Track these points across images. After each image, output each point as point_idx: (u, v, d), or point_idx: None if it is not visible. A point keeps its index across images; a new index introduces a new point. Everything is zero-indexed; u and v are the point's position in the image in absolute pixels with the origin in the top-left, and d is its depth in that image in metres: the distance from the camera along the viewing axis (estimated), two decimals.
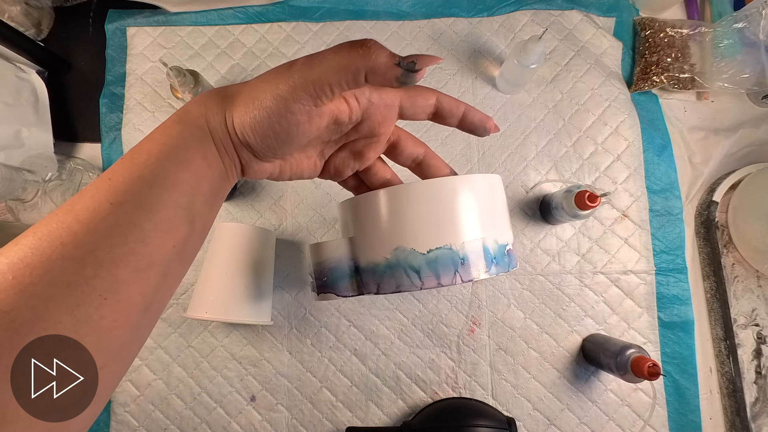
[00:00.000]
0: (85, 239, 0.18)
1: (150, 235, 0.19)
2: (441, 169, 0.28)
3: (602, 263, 0.54)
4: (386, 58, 0.19)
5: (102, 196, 0.19)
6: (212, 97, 0.22)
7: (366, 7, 0.60)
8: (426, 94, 0.24)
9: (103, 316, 0.18)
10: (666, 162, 0.56)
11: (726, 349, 0.53)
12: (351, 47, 0.19)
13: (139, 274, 0.19)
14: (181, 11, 0.61)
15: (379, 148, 0.27)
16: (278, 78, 0.21)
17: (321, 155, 0.27)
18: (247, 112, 0.21)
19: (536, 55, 0.50)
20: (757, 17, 0.53)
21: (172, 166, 0.20)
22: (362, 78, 0.20)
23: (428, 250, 0.24)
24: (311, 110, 0.21)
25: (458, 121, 0.25)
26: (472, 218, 0.25)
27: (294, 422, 0.53)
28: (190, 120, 0.22)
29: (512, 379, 0.53)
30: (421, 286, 0.24)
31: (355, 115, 0.23)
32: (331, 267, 0.27)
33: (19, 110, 0.55)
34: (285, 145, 0.22)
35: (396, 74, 0.19)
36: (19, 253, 0.17)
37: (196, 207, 0.21)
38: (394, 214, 0.25)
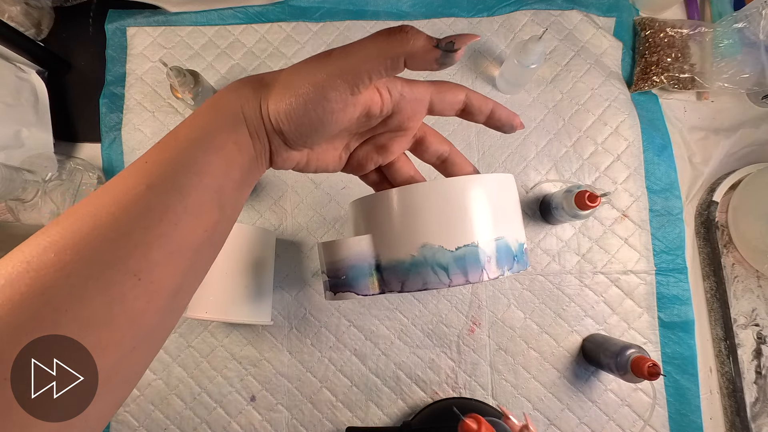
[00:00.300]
0: (122, 221, 0.18)
1: (182, 219, 0.20)
2: (465, 167, 0.28)
3: (602, 263, 0.54)
4: (425, 41, 0.19)
5: (139, 179, 0.20)
6: (247, 84, 0.22)
7: (366, 7, 0.60)
8: (456, 90, 0.24)
9: (137, 297, 0.18)
10: (666, 162, 0.56)
11: (726, 349, 0.53)
12: (389, 33, 0.20)
13: (171, 258, 0.19)
14: (181, 11, 0.61)
15: (405, 142, 0.27)
16: (316, 66, 0.21)
17: (346, 148, 0.27)
18: (283, 98, 0.21)
19: (536, 55, 0.50)
20: (757, 17, 0.53)
21: (204, 151, 0.21)
22: (401, 63, 0.20)
23: (456, 248, 0.24)
24: (347, 99, 0.21)
25: (486, 118, 0.25)
26: (498, 216, 0.25)
27: (294, 422, 0.53)
28: (223, 106, 0.22)
29: (512, 379, 0.53)
30: (449, 284, 0.24)
31: (387, 107, 0.23)
32: (349, 265, 0.26)
33: (19, 110, 0.55)
34: (317, 134, 0.22)
35: (435, 56, 0.20)
36: (61, 232, 0.18)
37: (227, 192, 0.22)
38: (421, 211, 0.24)
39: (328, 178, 0.57)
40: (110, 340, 0.18)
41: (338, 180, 0.57)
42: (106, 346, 0.17)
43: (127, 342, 0.18)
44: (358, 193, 0.57)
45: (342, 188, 0.57)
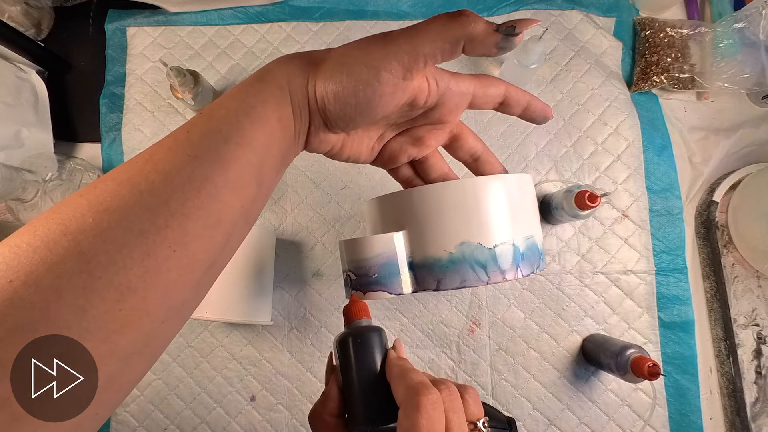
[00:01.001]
0: (161, 189, 0.18)
1: (221, 192, 0.19)
2: (496, 166, 0.28)
3: (602, 263, 0.54)
4: (485, 25, 0.19)
5: (180, 148, 0.19)
6: (296, 59, 0.22)
7: (366, 7, 0.60)
8: (498, 84, 0.24)
9: (170, 269, 0.18)
10: (666, 162, 0.56)
11: (726, 349, 0.53)
12: (449, 17, 0.20)
13: (207, 231, 0.19)
14: (181, 11, 0.61)
15: (442, 137, 0.27)
16: (371, 46, 0.21)
17: (381, 139, 0.26)
18: (334, 76, 0.21)
19: (536, 55, 0.50)
20: (757, 17, 0.53)
21: (249, 123, 0.20)
22: (460, 48, 0.20)
23: (494, 245, 0.24)
24: (398, 83, 0.21)
25: (522, 110, 0.25)
26: (529, 216, 0.26)
27: (294, 422, 0.53)
28: (271, 79, 0.22)
29: (512, 379, 0.53)
30: (488, 281, 0.24)
31: (432, 98, 0.23)
32: (380, 263, 0.25)
33: (19, 110, 0.55)
34: (361, 116, 0.22)
35: (496, 40, 0.20)
36: (99, 197, 0.18)
37: (266, 169, 0.21)
38: (460, 209, 0.24)
39: (328, 177, 0.57)
40: (144, 310, 0.17)
41: (338, 180, 0.57)
42: (138, 317, 0.17)
43: (159, 314, 0.18)
44: (358, 193, 0.57)
45: (342, 188, 0.57)
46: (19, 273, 0.16)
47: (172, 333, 0.20)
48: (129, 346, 0.17)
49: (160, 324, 0.18)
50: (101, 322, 0.16)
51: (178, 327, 0.20)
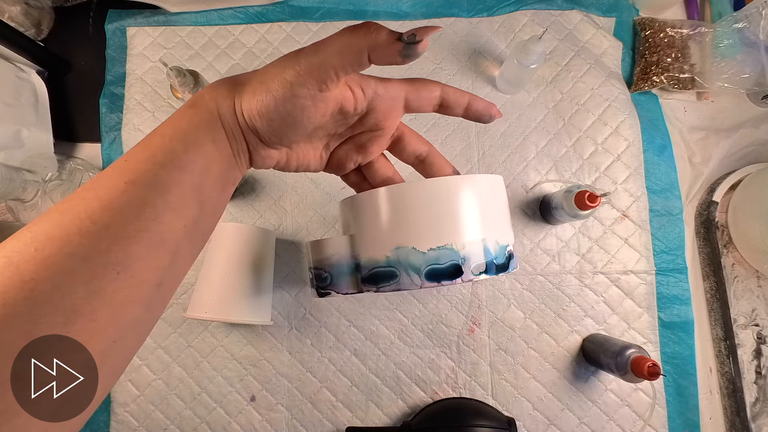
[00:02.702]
0: (101, 215, 0.19)
1: (162, 213, 0.20)
2: (444, 167, 0.28)
3: (602, 263, 0.54)
4: (387, 35, 0.20)
5: (118, 176, 0.20)
6: (223, 84, 0.23)
7: (366, 7, 0.60)
8: (431, 86, 0.25)
9: (116, 290, 0.18)
10: (666, 162, 0.56)
11: (726, 349, 0.53)
12: (352, 29, 0.20)
13: (151, 251, 0.20)
14: (181, 11, 0.61)
15: (383, 142, 0.27)
16: (285, 63, 0.21)
17: (326, 147, 0.27)
18: (255, 96, 0.22)
19: (536, 55, 0.50)
20: (757, 17, 0.53)
21: (183, 148, 0.21)
22: (365, 58, 0.20)
23: (429, 249, 0.24)
24: (316, 95, 0.21)
25: (463, 111, 0.26)
26: (473, 218, 0.25)
27: (294, 422, 0.53)
28: (202, 105, 0.22)
29: (512, 379, 0.53)
30: (421, 285, 0.24)
31: (360, 105, 0.24)
32: (331, 264, 0.27)
33: (19, 110, 0.55)
34: (290, 130, 0.23)
35: (398, 49, 0.20)
36: (42, 227, 0.18)
37: (206, 189, 0.22)
38: (395, 212, 0.25)
39: (329, 177, 0.57)
40: (93, 331, 0.18)
41: (338, 179, 0.56)
42: (89, 338, 0.18)
43: (110, 333, 0.18)
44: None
45: (342, 188, 0.57)
46: None
47: (128, 351, 0.21)
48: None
49: (112, 343, 0.19)
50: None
51: (133, 345, 0.21)
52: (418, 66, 0.59)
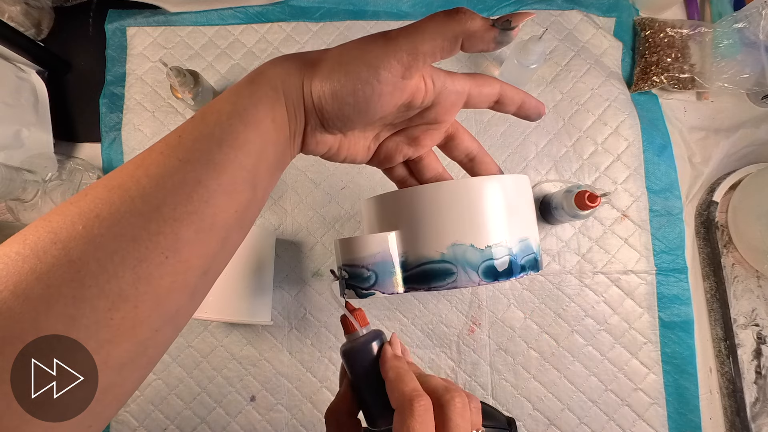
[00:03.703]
0: (152, 195, 0.18)
1: (214, 196, 0.19)
2: (491, 166, 0.28)
3: (602, 263, 0.54)
4: (482, 21, 0.20)
5: (172, 153, 0.19)
6: (290, 59, 0.22)
7: (366, 7, 0.60)
8: (492, 82, 0.25)
9: (163, 276, 0.18)
10: (666, 162, 0.56)
11: (726, 349, 0.53)
12: (447, 14, 0.20)
13: (201, 236, 0.19)
14: (181, 11, 0.61)
15: (437, 136, 0.27)
16: (370, 45, 0.21)
17: (376, 138, 0.26)
18: (332, 76, 0.21)
19: (536, 55, 0.50)
20: (757, 17, 0.53)
21: (242, 126, 0.20)
22: (459, 45, 0.20)
23: (486, 246, 0.24)
24: (397, 82, 0.21)
25: (517, 108, 0.26)
26: (523, 217, 0.25)
27: (294, 422, 0.53)
28: (264, 80, 0.21)
29: (512, 379, 0.53)
30: (479, 282, 0.24)
31: (429, 98, 0.23)
32: (375, 263, 0.25)
33: (19, 110, 0.55)
34: (359, 116, 0.22)
35: (494, 35, 0.20)
36: (89, 204, 0.17)
37: (261, 172, 0.21)
38: (452, 209, 0.24)
39: (329, 178, 0.57)
40: (135, 319, 0.17)
41: (338, 180, 0.57)
42: (132, 326, 0.17)
43: (152, 322, 0.18)
44: (358, 193, 0.57)
45: (342, 188, 0.57)
46: (8, 283, 0.16)
47: (167, 341, 0.20)
48: (122, 356, 0.17)
49: (154, 332, 0.18)
50: (92, 331, 0.16)
51: (173, 335, 0.20)
52: None
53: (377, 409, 0.28)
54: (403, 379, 0.25)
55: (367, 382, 0.28)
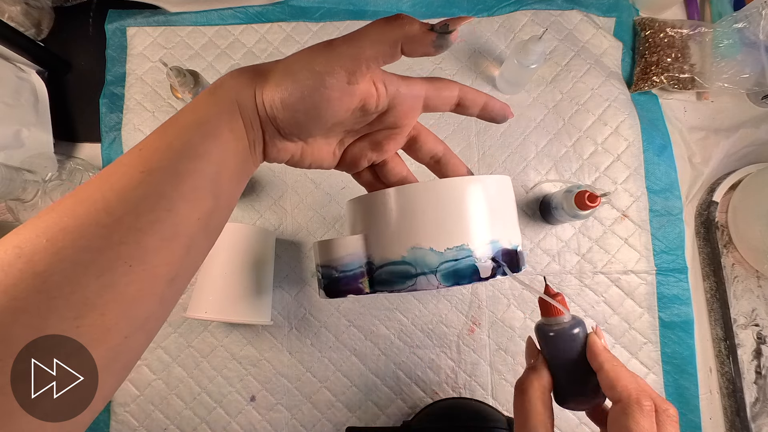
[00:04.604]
0: (115, 206, 0.18)
1: (177, 205, 0.19)
2: (459, 168, 0.28)
3: (602, 263, 0.54)
4: (420, 26, 0.20)
5: (134, 165, 0.20)
6: (244, 72, 0.22)
7: (366, 7, 0.60)
8: (450, 85, 0.25)
9: (129, 284, 0.18)
10: (666, 162, 0.56)
11: (726, 349, 0.53)
12: (385, 21, 0.20)
13: (165, 244, 0.19)
14: (181, 11, 0.61)
15: (400, 140, 0.27)
16: (315, 54, 0.21)
17: (341, 144, 0.27)
18: (280, 85, 0.21)
19: (536, 55, 0.50)
20: (757, 17, 0.53)
21: (200, 137, 0.21)
22: (398, 49, 0.20)
23: (446, 249, 0.24)
24: (344, 87, 0.21)
25: (480, 111, 0.26)
26: (489, 219, 0.25)
27: (294, 422, 0.53)
28: (222, 92, 0.22)
29: (512, 379, 0.53)
30: (438, 286, 0.24)
31: (383, 102, 0.23)
32: (343, 264, 0.26)
33: (19, 110, 0.55)
34: (312, 123, 0.22)
35: (432, 39, 0.20)
36: (55, 217, 0.18)
37: (222, 180, 0.22)
38: (411, 212, 0.24)
39: (328, 178, 0.57)
40: (104, 327, 0.17)
41: (338, 180, 0.57)
42: (100, 333, 0.17)
43: (121, 329, 0.18)
44: (358, 193, 0.56)
45: (342, 188, 0.57)
46: None
47: (139, 347, 0.20)
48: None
49: (123, 339, 0.18)
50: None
51: (144, 341, 0.20)
52: (417, 65, 0.59)
53: (573, 391, 0.31)
54: (623, 375, 0.28)
55: (568, 365, 0.30)
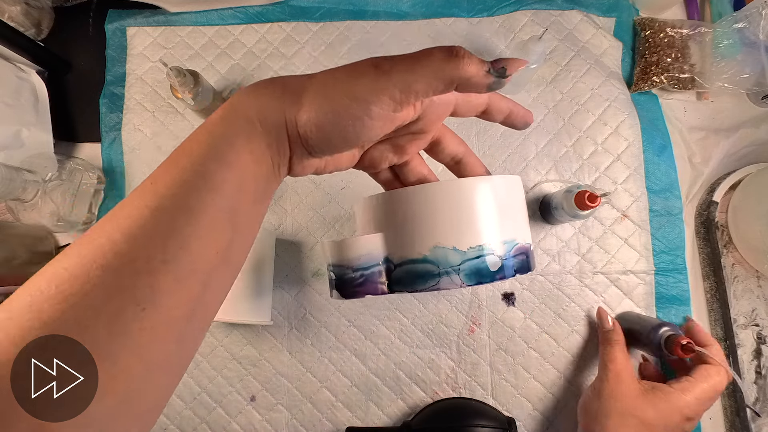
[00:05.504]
0: (124, 248, 0.18)
1: (190, 242, 0.18)
2: (478, 168, 0.28)
3: (602, 263, 0.54)
4: (477, 66, 0.19)
5: (143, 202, 0.19)
6: (267, 89, 0.21)
7: (366, 7, 0.60)
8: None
9: (143, 328, 0.17)
10: (666, 162, 0.56)
11: (726, 349, 0.53)
12: (445, 55, 0.19)
13: (180, 284, 0.18)
14: (181, 11, 0.61)
15: (422, 143, 0.26)
16: (357, 76, 0.20)
17: (361, 148, 0.26)
18: (318, 108, 0.20)
19: (536, 55, 0.50)
20: (757, 17, 0.52)
21: (216, 167, 0.19)
22: (453, 87, 0.19)
23: (468, 248, 0.24)
24: (387, 115, 0.20)
25: (504, 118, 0.25)
26: (508, 218, 0.25)
27: (294, 422, 0.53)
28: (237, 115, 0.21)
29: (512, 379, 0.53)
30: (461, 285, 0.24)
31: (416, 115, 0.23)
32: (359, 265, 0.25)
33: (19, 110, 0.55)
34: (346, 144, 0.22)
35: (489, 82, 0.19)
36: (63, 263, 0.17)
37: (241, 209, 0.20)
38: (435, 211, 0.24)
39: (329, 178, 0.57)
40: (114, 373, 0.17)
41: (338, 180, 0.57)
42: (110, 379, 0.17)
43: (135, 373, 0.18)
44: (358, 193, 0.57)
45: (342, 188, 0.57)
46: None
47: (162, 388, 0.19)
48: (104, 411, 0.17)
49: (141, 381, 0.18)
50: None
51: (167, 381, 0.20)
52: None
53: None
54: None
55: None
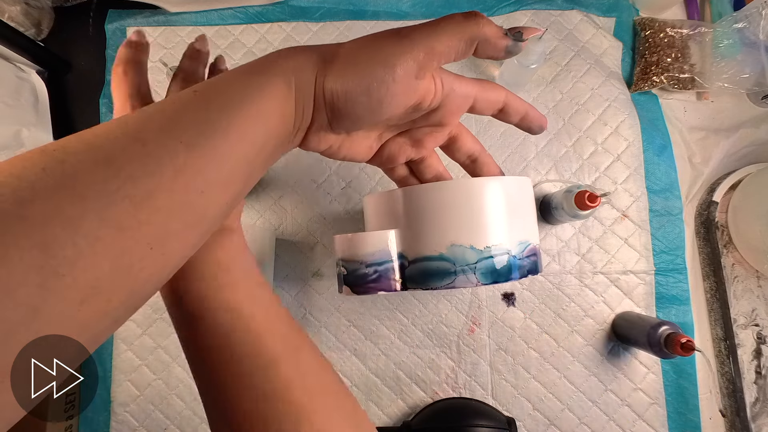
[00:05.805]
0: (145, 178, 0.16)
1: (211, 188, 0.18)
2: (492, 167, 0.28)
3: (602, 263, 0.54)
4: (497, 28, 0.20)
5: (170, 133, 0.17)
6: (305, 53, 0.21)
7: (366, 7, 0.60)
8: (498, 90, 0.24)
9: (144, 268, 0.16)
10: (666, 162, 0.56)
11: (726, 349, 0.53)
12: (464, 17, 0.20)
13: (188, 229, 0.18)
14: (181, 11, 0.61)
15: (440, 138, 0.26)
16: (382, 42, 0.20)
17: (379, 138, 0.26)
18: (346, 73, 0.20)
19: (536, 55, 0.50)
20: (757, 17, 0.53)
21: (250, 118, 0.19)
22: (473, 48, 0.20)
23: (485, 248, 0.24)
24: (410, 82, 0.20)
25: (519, 119, 0.25)
26: (523, 218, 0.25)
27: None
28: (277, 71, 0.20)
29: (512, 379, 0.53)
30: (477, 283, 0.24)
31: (437, 100, 0.23)
32: (374, 260, 0.25)
33: (19, 110, 0.55)
34: (370, 116, 0.21)
35: (506, 44, 0.20)
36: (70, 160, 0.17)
37: (257, 165, 0.20)
38: (452, 209, 0.24)
39: (329, 178, 0.57)
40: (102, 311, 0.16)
41: (338, 180, 0.57)
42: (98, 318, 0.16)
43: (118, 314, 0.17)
44: (359, 192, 0.57)
45: (342, 188, 0.57)
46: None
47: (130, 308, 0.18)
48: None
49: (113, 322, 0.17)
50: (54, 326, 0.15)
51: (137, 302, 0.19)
52: None
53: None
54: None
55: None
